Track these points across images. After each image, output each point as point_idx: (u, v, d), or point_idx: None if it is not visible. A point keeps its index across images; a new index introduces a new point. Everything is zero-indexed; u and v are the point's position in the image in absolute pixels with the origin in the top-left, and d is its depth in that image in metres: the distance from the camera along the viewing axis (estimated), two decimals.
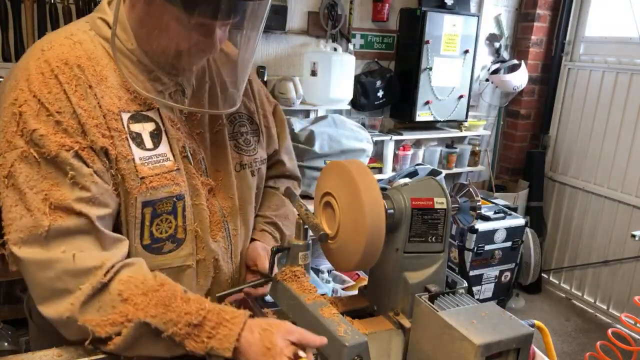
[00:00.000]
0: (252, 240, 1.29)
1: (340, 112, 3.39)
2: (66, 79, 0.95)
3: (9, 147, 0.92)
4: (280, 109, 1.39)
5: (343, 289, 2.99)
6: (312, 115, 3.36)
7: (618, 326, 2.56)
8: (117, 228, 1.01)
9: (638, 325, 2.34)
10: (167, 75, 1.05)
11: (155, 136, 1.04)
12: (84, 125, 0.94)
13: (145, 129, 1.02)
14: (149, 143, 1.03)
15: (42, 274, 0.90)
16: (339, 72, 3.09)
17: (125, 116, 1.00)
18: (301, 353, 0.90)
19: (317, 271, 3.04)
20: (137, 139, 1.01)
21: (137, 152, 1.00)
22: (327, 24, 3.25)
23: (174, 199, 1.04)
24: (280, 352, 0.88)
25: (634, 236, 2.93)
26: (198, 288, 1.13)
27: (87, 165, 0.94)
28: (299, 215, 1.12)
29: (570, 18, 3.91)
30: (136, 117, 1.02)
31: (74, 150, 0.92)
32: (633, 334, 2.30)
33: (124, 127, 0.99)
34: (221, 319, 0.91)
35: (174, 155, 1.06)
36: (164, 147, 1.04)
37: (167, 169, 1.04)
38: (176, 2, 0.92)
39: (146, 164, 1.01)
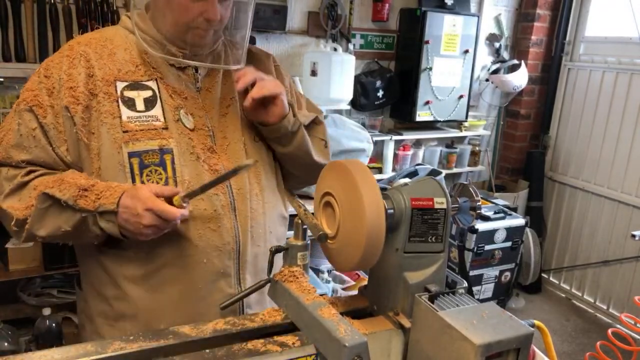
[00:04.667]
0: None
1: (340, 112, 3.39)
2: (71, 53, 1.14)
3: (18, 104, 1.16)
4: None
5: (343, 289, 2.99)
6: None
7: (618, 326, 2.56)
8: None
9: (638, 325, 2.34)
10: (181, 51, 1.19)
11: (150, 102, 1.16)
12: (60, 87, 1.11)
13: (140, 95, 1.15)
14: (140, 106, 1.14)
15: None
16: (339, 72, 3.09)
17: (121, 85, 1.14)
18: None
19: (317, 271, 3.03)
20: (129, 102, 1.14)
21: (125, 112, 1.13)
22: (327, 24, 3.25)
23: (159, 151, 1.13)
24: (140, 213, 1.02)
25: (634, 236, 2.92)
26: (198, 237, 1.15)
27: (37, 120, 1.11)
28: (297, 215, 1.11)
29: (570, 18, 3.91)
30: (133, 86, 1.15)
31: (28, 106, 1.11)
32: (633, 334, 2.30)
33: (115, 92, 1.13)
34: (108, 187, 1.07)
35: (165, 119, 1.15)
36: (156, 111, 1.15)
37: (154, 127, 1.14)
38: None
39: (133, 121, 1.13)
